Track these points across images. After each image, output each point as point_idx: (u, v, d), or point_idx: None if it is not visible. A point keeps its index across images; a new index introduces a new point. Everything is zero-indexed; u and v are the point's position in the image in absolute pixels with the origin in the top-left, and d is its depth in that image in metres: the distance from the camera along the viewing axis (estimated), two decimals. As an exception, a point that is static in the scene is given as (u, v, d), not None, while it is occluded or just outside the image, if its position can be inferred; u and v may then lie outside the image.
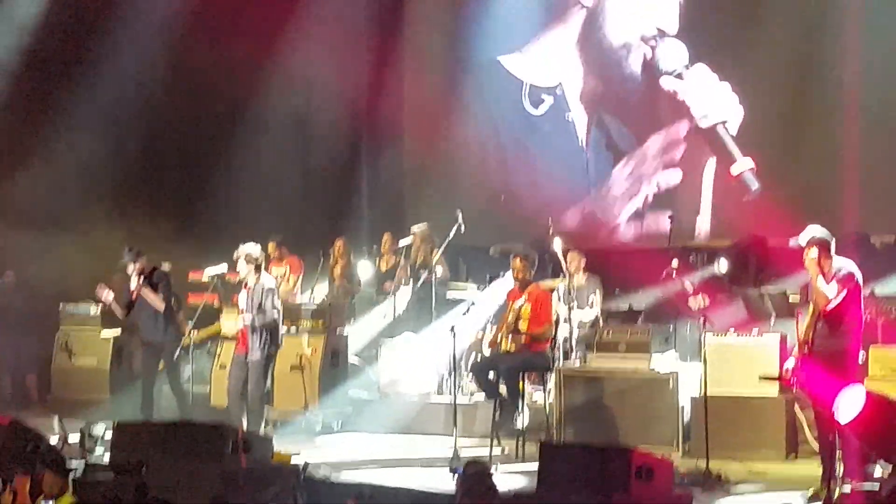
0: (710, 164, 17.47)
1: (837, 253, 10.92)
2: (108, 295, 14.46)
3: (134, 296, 14.22)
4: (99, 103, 17.11)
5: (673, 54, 17.87)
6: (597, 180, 18.66)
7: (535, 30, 19.34)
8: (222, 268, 14.40)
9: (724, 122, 17.33)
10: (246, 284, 13.30)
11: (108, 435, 11.65)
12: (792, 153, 16.69)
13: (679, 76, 17.75)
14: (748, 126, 17.14)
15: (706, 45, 17.59)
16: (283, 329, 13.58)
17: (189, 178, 18.09)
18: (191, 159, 18.31)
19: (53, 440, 11.59)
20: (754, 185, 16.92)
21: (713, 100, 17.46)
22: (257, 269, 13.27)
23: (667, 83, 17.83)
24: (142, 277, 14.17)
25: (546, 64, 19.13)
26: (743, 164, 17.01)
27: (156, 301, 14.16)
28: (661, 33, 17.97)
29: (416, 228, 16.57)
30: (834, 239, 10.88)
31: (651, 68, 18.04)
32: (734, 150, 17.20)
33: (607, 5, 18.67)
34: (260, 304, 13.09)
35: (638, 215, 18.09)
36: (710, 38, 17.61)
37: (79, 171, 17.05)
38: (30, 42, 17.21)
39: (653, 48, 18.03)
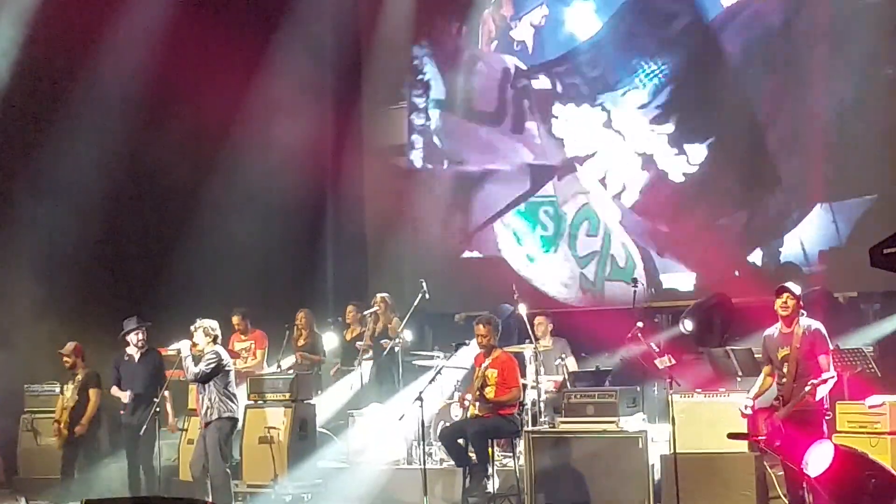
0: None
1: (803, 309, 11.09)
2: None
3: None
4: (58, 186, 17.06)
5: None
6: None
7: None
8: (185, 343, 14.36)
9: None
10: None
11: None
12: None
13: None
14: (713, 179, 17.15)
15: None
16: (239, 403, 13.62)
17: (151, 257, 18.02)
18: (152, 238, 18.27)
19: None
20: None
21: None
22: (214, 341, 13.46)
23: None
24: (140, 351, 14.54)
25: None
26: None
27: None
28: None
29: (379, 295, 16.52)
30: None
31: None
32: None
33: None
34: (206, 371, 13.22)
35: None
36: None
37: (40, 253, 16.98)
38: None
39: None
